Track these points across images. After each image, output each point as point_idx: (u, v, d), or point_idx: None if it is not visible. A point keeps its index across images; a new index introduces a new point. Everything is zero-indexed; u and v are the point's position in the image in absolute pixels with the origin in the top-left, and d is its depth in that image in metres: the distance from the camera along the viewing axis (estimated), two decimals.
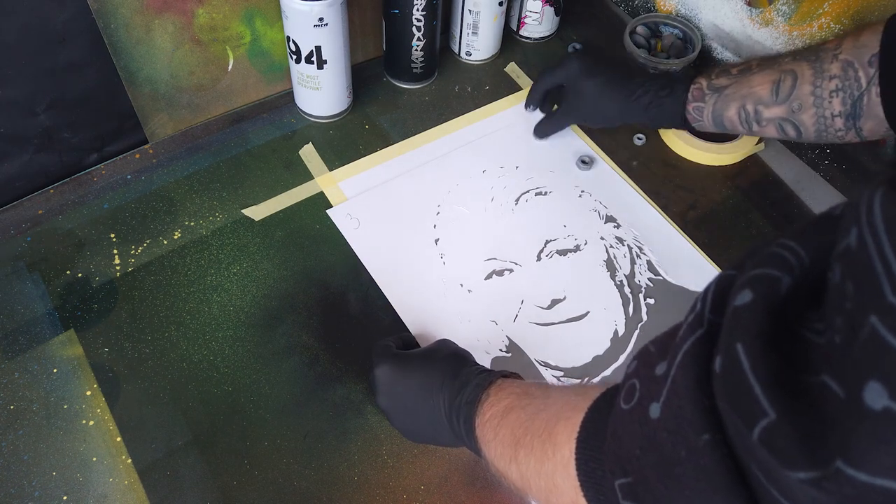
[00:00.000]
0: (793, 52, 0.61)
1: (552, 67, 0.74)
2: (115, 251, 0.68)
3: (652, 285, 0.69)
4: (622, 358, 0.64)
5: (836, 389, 0.22)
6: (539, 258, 0.70)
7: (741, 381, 0.25)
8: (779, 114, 0.62)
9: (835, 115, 0.59)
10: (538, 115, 0.79)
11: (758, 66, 0.63)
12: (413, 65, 0.82)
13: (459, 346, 0.57)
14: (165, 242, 0.69)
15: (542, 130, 0.78)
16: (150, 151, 0.77)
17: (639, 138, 0.80)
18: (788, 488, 0.24)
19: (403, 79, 0.84)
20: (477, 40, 0.85)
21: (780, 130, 0.63)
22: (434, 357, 0.55)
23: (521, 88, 0.85)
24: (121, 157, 0.76)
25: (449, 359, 0.54)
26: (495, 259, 0.70)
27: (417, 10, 0.75)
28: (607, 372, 0.63)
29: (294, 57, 0.73)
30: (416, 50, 0.80)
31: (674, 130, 0.79)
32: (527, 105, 0.78)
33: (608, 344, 0.65)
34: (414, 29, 0.77)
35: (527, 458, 0.42)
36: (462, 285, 0.68)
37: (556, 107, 0.78)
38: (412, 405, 0.54)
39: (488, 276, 0.69)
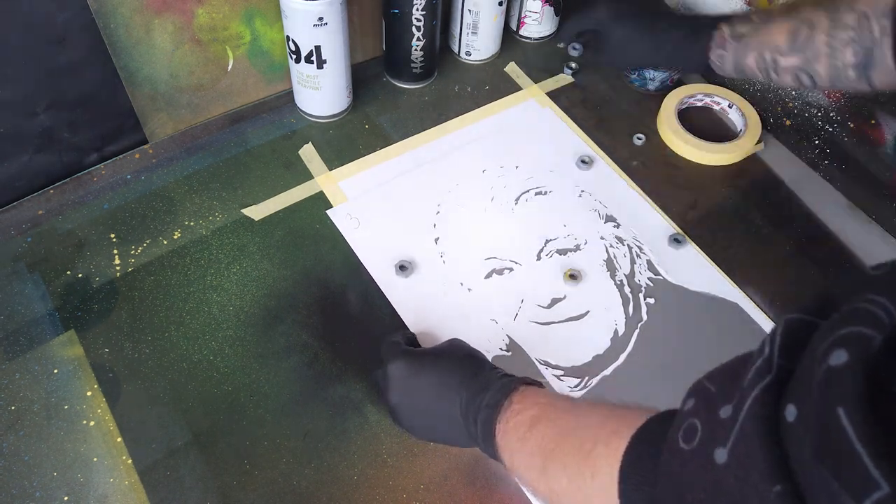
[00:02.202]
0: (814, 1, 0.61)
1: (581, 11, 0.75)
2: (115, 251, 0.68)
3: (652, 285, 0.69)
4: (622, 357, 0.64)
5: None
6: (539, 257, 0.70)
7: (845, 448, 0.23)
8: (795, 63, 0.62)
9: (847, 65, 0.59)
10: (536, 119, 0.79)
11: (778, 13, 0.63)
12: (413, 65, 0.82)
13: (472, 347, 0.57)
14: (165, 242, 0.69)
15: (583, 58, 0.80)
16: (150, 151, 0.77)
17: (638, 138, 0.80)
18: None
19: (403, 79, 0.84)
20: (477, 40, 0.85)
21: (795, 79, 0.63)
22: (451, 356, 0.55)
23: (520, 88, 0.85)
24: (121, 157, 0.76)
25: (466, 359, 0.54)
26: (495, 258, 0.70)
27: (417, 9, 0.75)
28: (607, 371, 0.63)
29: (294, 57, 0.73)
30: (416, 50, 0.80)
31: (673, 130, 0.79)
32: (559, 42, 0.79)
33: (608, 343, 0.65)
34: (414, 29, 0.77)
35: (558, 474, 0.41)
36: (462, 284, 0.68)
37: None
38: (426, 402, 0.53)
39: (488, 275, 0.69)
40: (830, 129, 0.76)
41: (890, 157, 0.72)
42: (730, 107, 0.83)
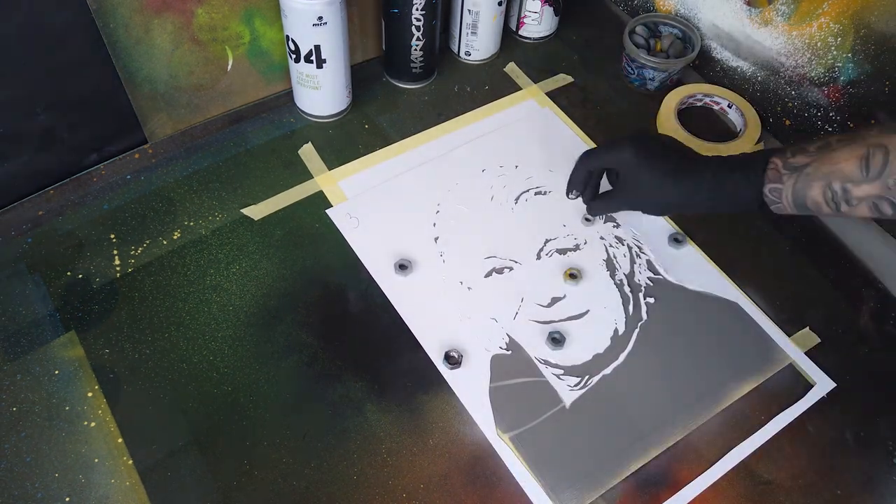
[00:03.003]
0: (878, 126, 0.57)
1: (599, 150, 0.67)
2: (115, 252, 0.68)
3: (652, 284, 0.69)
4: (622, 356, 0.64)
5: None
6: (539, 257, 0.70)
7: None
8: (871, 191, 0.56)
9: None
10: (536, 119, 0.79)
11: (838, 141, 0.58)
12: (412, 64, 0.82)
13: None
14: (165, 243, 0.69)
15: (595, 209, 0.71)
16: (150, 151, 0.77)
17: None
18: None
19: (403, 78, 0.84)
20: (476, 40, 0.85)
21: (873, 209, 0.57)
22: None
23: (520, 88, 0.85)
24: (120, 157, 0.76)
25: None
26: (495, 257, 0.70)
27: (417, 9, 0.75)
28: (608, 371, 0.63)
29: (293, 56, 0.73)
30: (416, 50, 0.80)
31: (673, 130, 0.79)
32: (568, 191, 0.70)
33: (608, 342, 0.65)
34: (413, 29, 0.77)
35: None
36: (462, 283, 0.68)
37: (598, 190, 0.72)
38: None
39: (488, 274, 0.69)
40: (830, 129, 0.76)
41: None
42: (729, 107, 0.83)
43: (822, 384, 0.64)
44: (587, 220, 0.73)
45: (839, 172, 0.56)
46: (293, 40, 0.72)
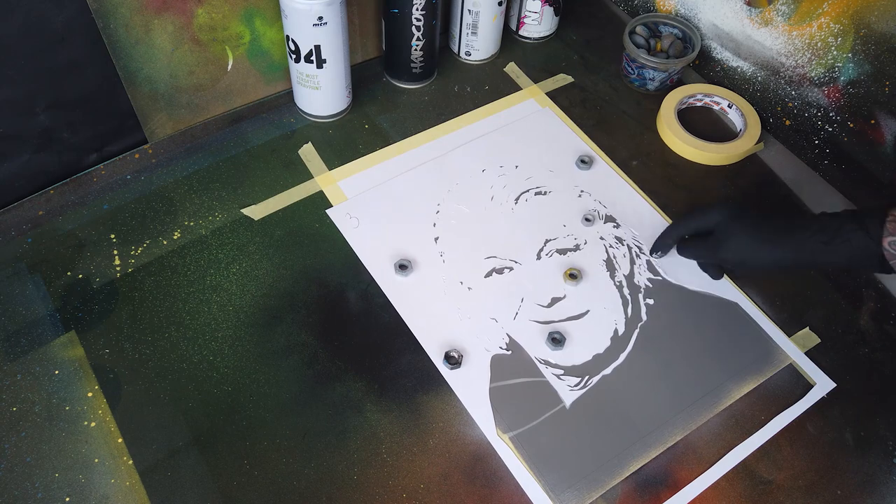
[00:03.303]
0: None
1: (692, 214, 0.66)
2: (116, 252, 0.68)
3: (651, 285, 0.69)
4: (622, 357, 0.64)
5: None
6: (539, 257, 0.70)
7: None
8: None
9: None
10: (536, 119, 0.79)
11: None
12: (412, 64, 0.82)
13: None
14: (165, 243, 0.69)
15: (686, 253, 0.68)
16: (150, 151, 0.77)
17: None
18: None
19: (403, 78, 0.84)
20: (476, 40, 0.85)
21: None
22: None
23: (520, 88, 0.85)
24: (120, 157, 0.76)
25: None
26: (495, 257, 0.70)
27: (417, 9, 0.75)
28: (608, 371, 0.63)
29: (293, 56, 0.73)
30: (416, 50, 0.80)
31: (673, 130, 0.79)
32: (654, 251, 0.69)
33: (608, 343, 0.65)
34: (413, 29, 0.77)
35: None
36: (462, 283, 0.68)
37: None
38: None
39: (488, 274, 0.69)
40: (830, 129, 0.76)
41: (890, 157, 0.72)
42: (729, 107, 0.83)
43: (822, 384, 0.64)
44: (587, 220, 0.73)
45: None
46: (293, 40, 0.72)
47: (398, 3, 0.75)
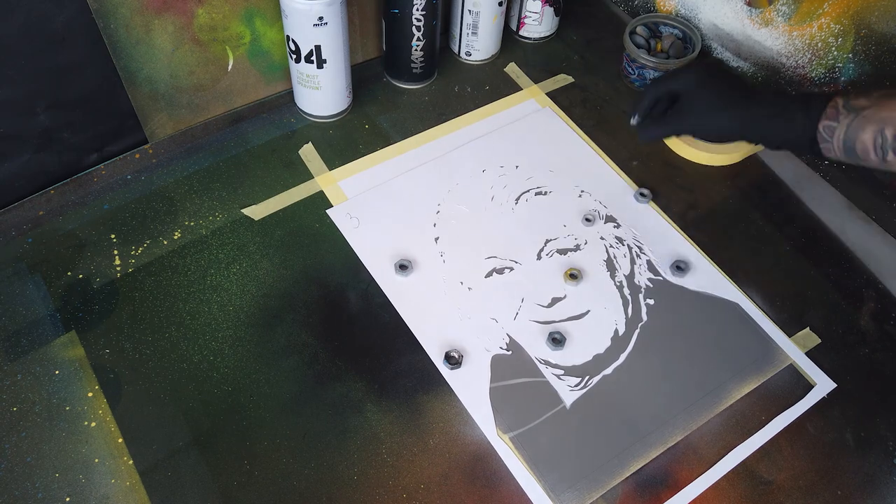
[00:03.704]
0: None
1: (666, 75, 0.70)
2: (116, 252, 0.68)
3: (652, 286, 0.69)
4: (622, 357, 0.64)
5: None
6: (539, 257, 0.70)
7: None
8: None
9: None
10: (536, 119, 0.79)
11: None
12: (413, 65, 0.82)
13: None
14: (165, 243, 0.69)
15: (648, 133, 0.70)
16: (150, 151, 0.77)
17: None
18: None
19: (403, 79, 0.84)
20: (477, 40, 0.85)
21: None
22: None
23: (520, 88, 0.85)
24: (121, 157, 0.76)
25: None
26: (495, 257, 0.70)
27: (417, 9, 0.75)
28: (608, 371, 0.63)
29: (294, 56, 0.73)
30: (416, 50, 0.80)
31: None
32: (630, 115, 0.71)
33: (609, 343, 0.65)
34: (414, 29, 0.77)
35: None
36: (462, 283, 0.68)
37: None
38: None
39: (488, 274, 0.69)
40: None
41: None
42: None
43: (823, 384, 0.64)
44: (587, 220, 0.73)
45: (894, 119, 0.57)
46: (293, 40, 0.72)
47: (398, 3, 0.75)
